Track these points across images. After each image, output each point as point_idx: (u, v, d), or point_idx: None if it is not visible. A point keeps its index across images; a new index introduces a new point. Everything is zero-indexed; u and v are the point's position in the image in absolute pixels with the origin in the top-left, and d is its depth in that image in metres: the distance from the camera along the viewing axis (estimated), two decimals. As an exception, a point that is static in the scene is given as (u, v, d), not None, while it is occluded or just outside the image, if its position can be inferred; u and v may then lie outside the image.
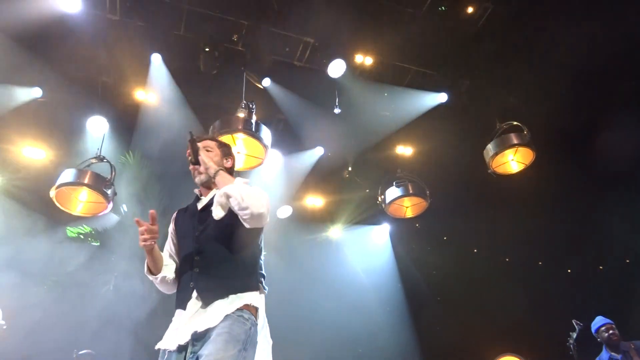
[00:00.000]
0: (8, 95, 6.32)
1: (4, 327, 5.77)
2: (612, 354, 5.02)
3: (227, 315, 2.14)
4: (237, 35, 6.24)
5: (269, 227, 7.41)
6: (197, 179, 2.51)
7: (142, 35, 6.11)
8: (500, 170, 6.31)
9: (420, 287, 8.03)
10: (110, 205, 5.32)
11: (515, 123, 6.14)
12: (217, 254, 2.31)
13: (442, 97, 6.88)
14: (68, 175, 5.28)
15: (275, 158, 6.83)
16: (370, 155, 7.46)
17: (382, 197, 6.85)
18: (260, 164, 5.59)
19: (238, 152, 5.43)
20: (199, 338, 2.13)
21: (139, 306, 5.98)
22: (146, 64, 6.39)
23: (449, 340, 7.41)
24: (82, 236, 6.46)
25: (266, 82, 6.60)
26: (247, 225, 2.21)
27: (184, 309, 2.24)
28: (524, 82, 6.46)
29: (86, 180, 5.13)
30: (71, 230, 6.48)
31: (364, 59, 6.50)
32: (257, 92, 6.38)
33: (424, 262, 8.23)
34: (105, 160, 5.39)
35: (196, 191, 2.60)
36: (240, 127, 5.27)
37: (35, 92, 6.52)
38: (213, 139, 2.73)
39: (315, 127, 7.20)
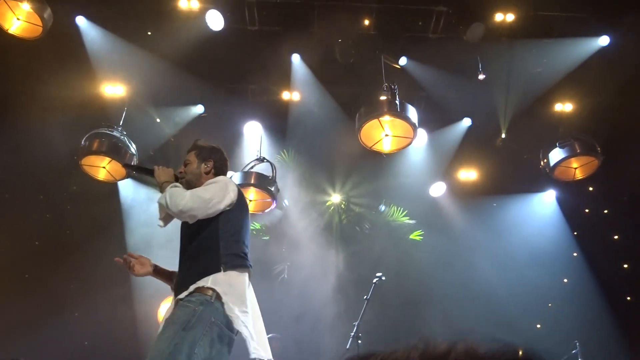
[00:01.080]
0: (177, 115, 7.19)
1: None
2: None
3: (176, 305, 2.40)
4: (368, 20, 6.27)
5: (424, 207, 7.34)
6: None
7: (280, 39, 6.47)
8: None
9: (600, 256, 7.24)
10: (276, 201, 5.73)
11: None
12: (184, 253, 2.67)
13: (603, 41, 6.11)
14: (236, 178, 5.82)
15: (422, 136, 6.72)
16: (524, 118, 6.92)
17: (545, 160, 6.31)
18: (409, 144, 5.54)
19: (386, 135, 5.46)
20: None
21: (312, 292, 6.37)
22: (287, 65, 6.76)
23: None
24: (254, 232, 7.07)
25: (403, 61, 6.53)
26: (189, 221, 2.55)
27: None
28: None
29: (252, 181, 5.59)
30: (244, 228, 7.14)
31: (504, 17, 6.05)
32: (396, 72, 6.33)
33: (602, 227, 7.40)
34: (265, 161, 5.81)
35: None
36: (385, 110, 5.28)
37: (198, 109, 7.31)
38: (191, 149, 3.03)
39: (460, 98, 6.91)
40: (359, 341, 3.52)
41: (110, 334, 6.49)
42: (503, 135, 7.13)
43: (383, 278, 4.15)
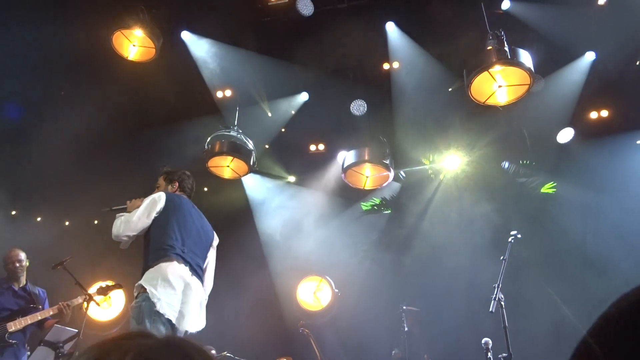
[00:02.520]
0: (284, 106, 7.44)
1: (339, 294, 6.86)
2: None
3: None
4: (461, -32, 5.90)
5: (552, 157, 6.75)
6: None
7: (371, 10, 6.35)
8: None
9: None
10: (392, 173, 5.70)
11: None
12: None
13: None
14: (350, 157, 5.89)
15: (539, 80, 6.18)
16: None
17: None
18: (527, 90, 5.13)
19: (499, 87, 5.12)
20: None
21: (444, 256, 6.25)
22: (383, 36, 6.62)
23: None
24: (375, 207, 7.13)
25: (505, 4, 6.05)
26: (127, 241, 3.33)
27: None
28: None
29: (366, 157, 5.62)
30: (365, 205, 7.23)
31: None
32: (499, 18, 5.89)
33: None
34: (376, 135, 5.79)
35: None
36: (494, 59, 4.94)
37: (303, 97, 7.50)
38: (160, 174, 3.76)
39: (578, 31, 6.23)
40: (502, 303, 3.40)
41: (258, 313, 7.00)
42: (638, 63, 6.30)
43: (519, 236, 3.94)
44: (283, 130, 7.63)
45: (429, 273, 6.26)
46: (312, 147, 7.59)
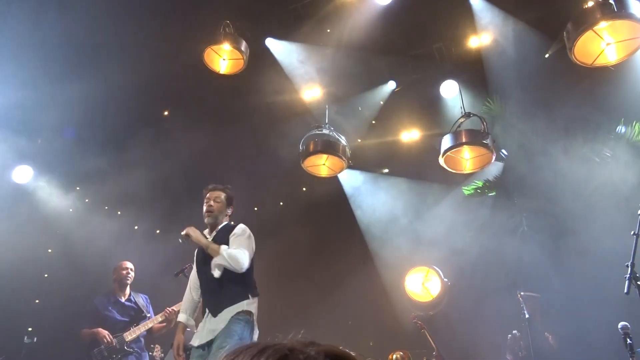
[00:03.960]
0: (373, 97, 7.38)
1: (448, 283, 6.67)
2: None
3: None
4: None
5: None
6: (206, 220, 3.77)
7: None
8: None
9: None
10: (494, 153, 5.41)
11: None
12: (212, 281, 3.58)
13: None
14: (446, 141, 5.66)
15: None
16: None
17: None
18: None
19: (607, 44, 4.64)
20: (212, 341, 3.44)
21: (562, 235, 5.81)
22: (467, 10, 6.31)
23: None
24: (478, 190, 6.81)
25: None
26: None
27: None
28: None
29: (464, 139, 5.37)
30: (467, 189, 6.94)
31: None
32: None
33: None
34: (472, 115, 5.52)
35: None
36: (598, 15, 4.48)
37: (391, 86, 7.38)
38: (221, 190, 3.84)
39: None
40: (638, 282, 3.06)
41: (368, 311, 7.03)
42: None
43: (651, 208, 3.53)
44: (374, 122, 7.57)
45: (545, 254, 5.86)
46: (405, 136, 7.44)
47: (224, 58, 5.86)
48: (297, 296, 7.14)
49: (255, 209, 7.89)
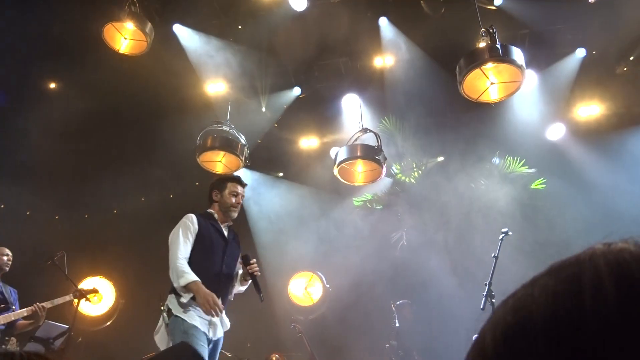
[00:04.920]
0: (277, 101, 7.42)
1: (330, 290, 6.89)
2: None
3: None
4: (454, -35, 5.90)
5: (543, 153, 6.86)
6: (232, 214, 3.54)
7: (364, 5, 6.35)
8: None
9: None
10: (385, 169, 5.71)
11: None
12: (231, 283, 3.49)
13: None
14: (342, 152, 5.87)
15: (531, 77, 6.24)
16: (651, 35, 6.11)
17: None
18: (518, 88, 5.16)
19: (492, 84, 5.14)
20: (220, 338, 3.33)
21: (432, 254, 6.30)
22: (375, 31, 6.62)
23: None
24: (367, 203, 7.14)
25: (498, 0, 6.06)
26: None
27: None
28: None
29: (358, 153, 5.61)
30: (357, 200, 7.25)
31: None
32: (492, 14, 5.92)
33: None
34: (369, 131, 5.79)
35: (211, 210, 3.52)
36: (486, 57, 4.95)
37: (296, 92, 7.48)
38: (244, 186, 3.69)
39: (569, 28, 6.28)
40: (493, 300, 3.43)
41: (248, 312, 7.00)
42: (631, 58, 6.35)
43: (510, 233, 3.98)
44: (275, 125, 7.61)
45: (420, 268, 6.30)
46: (304, 142, 7.58)
47: (125, 37, 5.55)
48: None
49: (143, 199, 7.52)
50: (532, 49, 6.21)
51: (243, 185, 3.64)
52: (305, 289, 6.79)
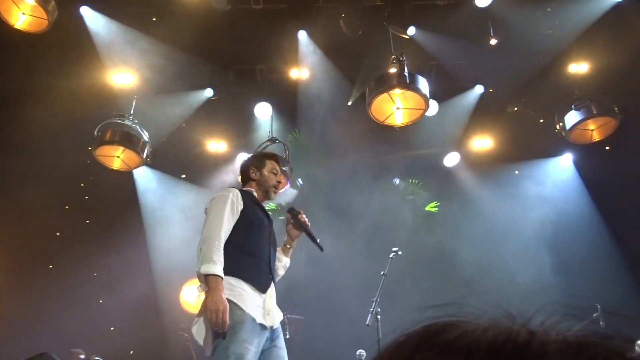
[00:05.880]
0: (188, 100, 7.19)
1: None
2: None
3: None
4: (374, -9, 6.15)
5: (439, 178, 7.29)
6: (272, 195, 3.12)
7: (286, 16, 6.39)
8: None
9: (622, 216, 7.13)
10: (290, 181, 5.75)
11: None
12: (276, 263, 3.00)
13: (617, -4, 5.90)
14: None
15: (433, 106, 6.63)
16: (539, 81, 6.77)
17: (561, 124, 6.20)
18: (421, 115, 5.47)
19: (397, 108, 5.39)
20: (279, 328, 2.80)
21: (333, 272, 6.41)
22: (294, 43, 6.68)
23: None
24: (270, 213, 7.11)
25: (411, 30, 6.40)
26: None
27: (265, 292, 2.71)
28: None
29: (265, 162, 5.60)
30: (260, 208, 7.19)
31: (514, -22, 5.87)
32: (404, 43, 6.22)
33: (621, 187, 7.27)
34: (278, 141, 5.80)
35: (249, 188, 3.06)
36: (394, 82, 5.20)
37: (208, 93, 7.30)
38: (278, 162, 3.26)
39: (471, 65, 6.79)
40: (378, 317, 3.56)
41: (135, 318, 6.65)
42: (523, 100, 6.99)
43: (399, 252, 4.17)
44: (184, 125, 7.36)
45: (320, 283, 6.37)
46: (212, 146, 7.41)
47: (23, 12, 5.11)
48: (56, 296, 6.41)
49: (25, 189, 6.89)
50: (437, 81, 6.62)
51: (280, 164, 3.25)
52: (198, 296, 6.57)
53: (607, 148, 7.14)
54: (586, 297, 6.21)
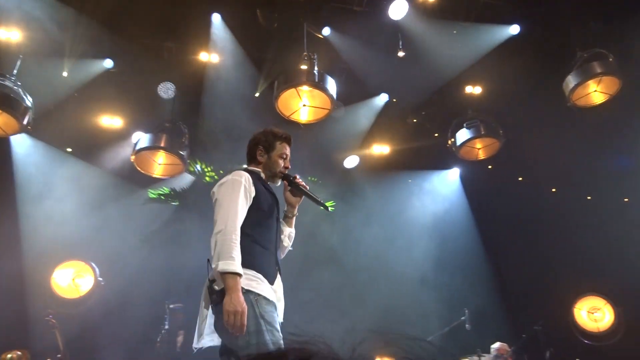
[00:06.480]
0: (83, 68, 6.63)
1: (102, 283, 6.33)
2: None
3: None
4: (294, -15, 6.12)
5: (337, 179, 7.47)
6: (277, 181, 2.90)
7: (201, -5, 6.14)
8: (582, 102, 5.88)
9: (495, 228, 7.83)
10: (186, 166, 5.54)
11: (598, 50, 5.64)
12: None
13: (514, 29, 6.43)
14: (145, 140, 5.53)
15: (339, 108, 6.76)
16: (438, 97, 7.19)
17: (453, 140, 6.64)
18: (326, 115, 5.56)
19: (304, 105, 5.43)
20: None
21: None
22: (207, 25, 6.44)
23: (528, 282, 7.25)
24: (162, 197, 6.81)
25: (326, 31, 6.46)
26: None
27: (273, 284, 2.60)
28: (607, 6, 5.88)
29: (162, 144, 5.35)
30: (152, 192, 6.86)
31: (428, -4, 6.15)
32: (318, 42, 6.27)
33: (499, 203, 7.98)
34: (178, 123, 5.57)
35: (256, 169, 2.86)
36: (303, 79, 5.23)
37: (107, 64, 6.79)
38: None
39: (379, 74, 7.01)
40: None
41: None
42: (423, 112, 7.37)
43: (291, 248, 4.17)
44: (76, 94, 6.77)
45: (199, 272, 6.19)
46: (106, 120, 6.91)
47: None
48: None
49: None
50: (346, 84, 6.74)
51: (290, 145, 3.00)
52: (72, 280, 6.10)
53: (490, 167, 7.78)
54: (458, 300, 6.74)
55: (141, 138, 5.46)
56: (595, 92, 5.76)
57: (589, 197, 7.86)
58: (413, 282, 7.18)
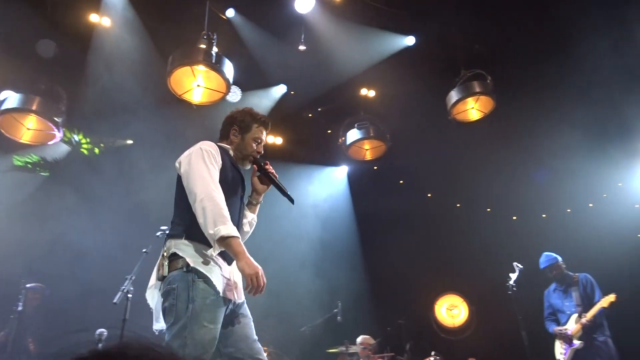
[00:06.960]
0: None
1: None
2: (557, 284, 5.54)
3: None
4: (200, -41, 5.87)
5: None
6: (247, 164, 2.77)
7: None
8: (461, 117, 6.39)
9: (373, 226, 8.26)
10: (61, 134, 5.09)
11: (479, 71, 6.16)
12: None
13: (409, 40, 6.78)
14: (14, 100, 4.97)
15: (236, 93, 6.65)
16: (335, 95, 7.37)
17: (343, 138, 6.85)
18: (220, 98, 5.43)
19: (198, 85, 5.25)
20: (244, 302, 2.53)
21: (87, 240, 5.89)
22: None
23: (397, 279, 7.73)
24: (30, 165, 6.19)
25: (230, 12, 6.30)
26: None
27: (231, 264, 2.45)
28: (491, 33, 6.44)
29: (34, 107, 4.85)
30: (18, 159, 6.20)
31: (335, -5, 6.26)
32: (220, 22, 6.09)
33: (380, 203, 8.42)
34: (56, 88, 5.08)
35: (226, 145, 2.75)
36: (200, 58, 5.06)
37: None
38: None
39: (280, 64, 7.00)
40: (129, 295, 3.38)
41: None
42: (317, 108, 7.50)
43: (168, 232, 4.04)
44: None
45: (63, 251, 5.75)
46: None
47: None
48: None
49: None
50: (245, 70, 6.63)
51: (268, 130, 2.87)
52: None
53: (375, 168, 8.18)
54: (334, 292, 7.01)
55: (9, 97, 4.89)
56: (473, 109, 6.30)
57: (458, 205, 8.60)
58: (295, 269, 7.33)
